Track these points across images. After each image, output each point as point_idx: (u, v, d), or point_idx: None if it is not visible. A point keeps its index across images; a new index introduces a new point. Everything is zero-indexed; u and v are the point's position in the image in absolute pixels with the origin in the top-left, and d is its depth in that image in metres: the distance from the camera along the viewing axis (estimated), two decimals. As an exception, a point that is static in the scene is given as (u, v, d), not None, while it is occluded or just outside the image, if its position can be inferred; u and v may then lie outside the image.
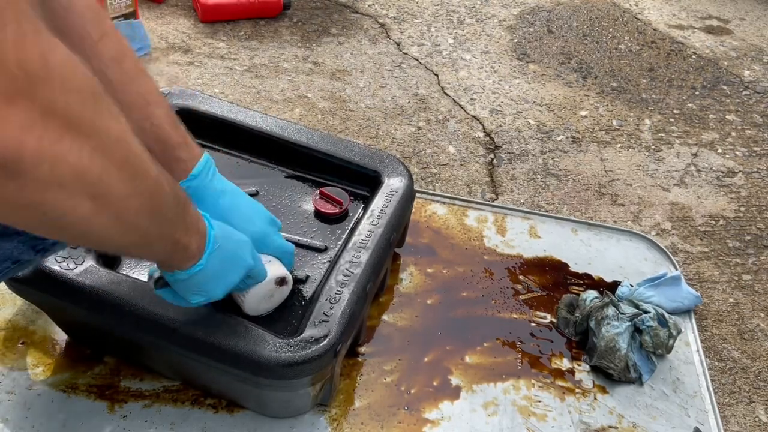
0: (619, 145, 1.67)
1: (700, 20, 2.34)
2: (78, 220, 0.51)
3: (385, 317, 1.05)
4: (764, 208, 1.53)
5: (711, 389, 1.04)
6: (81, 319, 0.86)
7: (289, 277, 0.87)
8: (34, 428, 0.84)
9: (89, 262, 0.83)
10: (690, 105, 1.87)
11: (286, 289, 0.88)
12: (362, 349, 0.99)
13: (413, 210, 1.10)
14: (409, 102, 1.72)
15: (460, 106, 1.74)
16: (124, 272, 0.90)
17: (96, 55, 0.76)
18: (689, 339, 1.12)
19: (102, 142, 0.49)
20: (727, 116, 1.85)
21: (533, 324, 1.09)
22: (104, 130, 0.49)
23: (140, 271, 0.92)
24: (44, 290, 0.82)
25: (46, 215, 0.48)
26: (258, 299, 0.84)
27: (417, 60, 1.91)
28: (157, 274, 0.76)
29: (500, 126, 1.67)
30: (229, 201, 0.86)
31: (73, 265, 0.82)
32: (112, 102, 0.51)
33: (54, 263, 0.82)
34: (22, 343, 0.93)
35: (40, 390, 0.88)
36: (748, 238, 1.43)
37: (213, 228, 0.72)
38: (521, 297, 1.13)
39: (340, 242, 0.98)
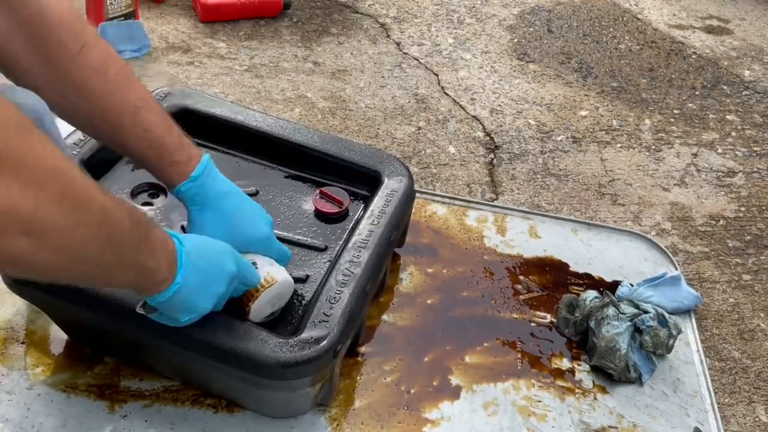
0: (619, 145, 1.67)
1: (700, 20, 2.34)
2: (18, 256, 0.50)
3: (385, 317, 1.05)
4: (764, 208, 1.53)
5: (711, 389, 1.04)
6: (80, 319, 0.86)
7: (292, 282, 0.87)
8: (34, 428, 0.84)
9: (89, 262, 0.82)
10: (690, 105, 1.87)
11: (288, 295, 0.88)
12: (362, 349, 0.99)
13: (413, 210, 1.10)
14: (409, 102, 1.72)
15: (460, 106, 1.74)
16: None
17: (77, 68, 0.75)
18: (689, 339, 1.12)
19: (33, 176, 0.48)
20: (727, 116, 1.85)
21: (533, 324, 1.09)
22: (35, 163, 0.48)
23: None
24: (43, 290, 0.82)
25: None
26: (263, 305, 0.84)
27: (417, 60, 1.91)
28: (141, 300, 0.75)
29: (500, 126, 1.67)
30: (232, 203, 0.85)
31: (73, 265, 0.81)
32: (41, 134, 0.50)
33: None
34: (22, 343, 0.93)
35: (40, 390, 0.88)
36: (748, 238, 1.43)
37: (183, 244, 0.71)
38: (521, 297, 1.13)
39: (341, 242, 0.98)
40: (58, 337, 0.94)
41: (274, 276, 0.84)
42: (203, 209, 0.83)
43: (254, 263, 0.83)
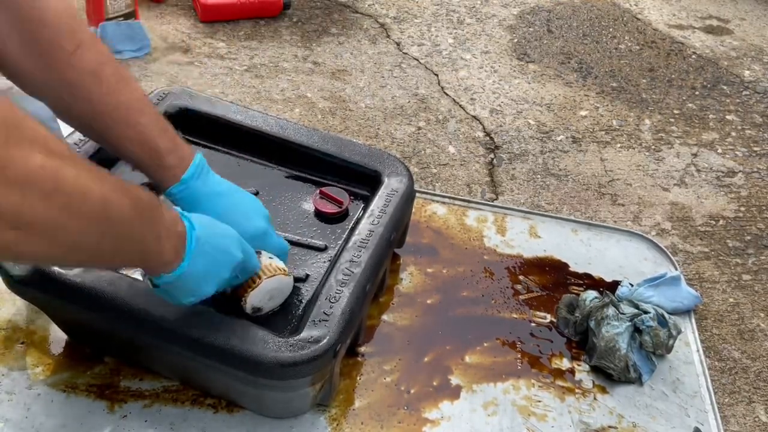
0: (619, 145, 1.67)
1: (700, 20, 2.34)
2: (5, 246, 0.51)
3: (385, 317, 1.05)
4: (764, 208, 1.53)
5: (711, 389, 1.04)
6: (79, 319, 0.85)
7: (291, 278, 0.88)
8: (34, 428, 0.84)
9: (89, 262, 0.82)
10: (690, 105, 1.87)
11: (286, 292, 0.88)
12: (362, 349, 0.99)
13: (413, 210, 1.10)
14: (409, 102, 1.72)
15: (460, 106, 1.74)
16: (123, 272, 0.90)
17: (72, 68, 0.75)
18: (689, 339, 1.12)
19: (17, 174, 0.48)
20: (727, 116, 1.85)
21: (533, 324, 1.09)
22: (20, 162, 0.48)
23: (139, 271, 0.92)
24: (42, 290, 0.82)
25: None
26: (262, 295, 0.84)
27: (417, 60, 1.91)
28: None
29: (500, 126, 1.67)
30: (226, 201, 0.85)
31: (73, 265, 0.82)
32: (30, 129, 0.50)
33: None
34: (22, 343, 0.93)
35: (40, 390, 0.88)
36: (748, 238, 1.43)
37: (195, 228, 0.71)
38: (521, 297, 1.13)
39: (341, 242, 0.98)
40: (58, 337, 0.94)
41: (277, 266, 0.84)
42: (195, 210, 0.82)
43: (258, 253, 0.84)
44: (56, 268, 0.81)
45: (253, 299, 0.83)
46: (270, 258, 0.85)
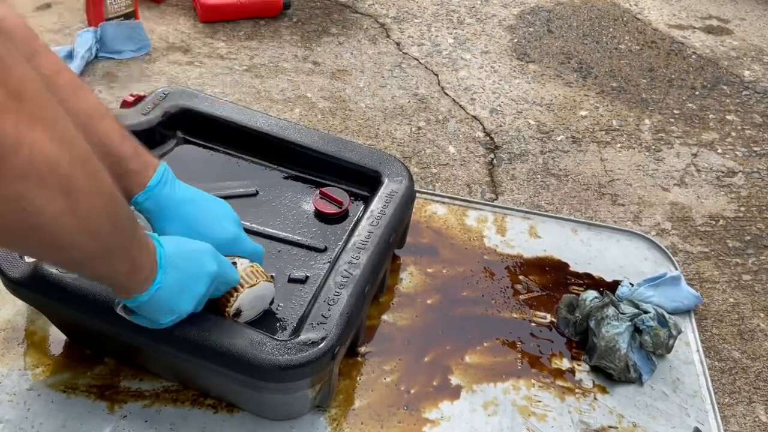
0: (619, 145, 1.67)
1: (700, 20, 2.34)
2: (50, 219, 0.50)
3: (385, 317, 1.05)
4: (764, 208, 1.53)
5: (711, 389, 1.04)
6: (78, 321, 0.85)
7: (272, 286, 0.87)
8: (33, 428, 0.84)
9: (89, 263, 0.82)
10: (690, 105, 1.87)
11: (269, 297, 0.87)
12: (362, 349, 0.99)
13: (413, 210, 1.10)
14: (409, 102, 1.72)
15: (460, 106, 1.74)
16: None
17: None
18: (689, 339, 1.12)
19: (64, 134, 0.48)
20: (727, 116, 1.85)
21: (533, 324, 1.09)
22: (63, 123, 0.48)
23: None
24: (41, 293, 0.82)
25: (24, 211, 0.48)
26: (244, 305, 0.83)
27: (417, 60, 1.91)
28: (120, 302, 0.75)
29: (500, 126, 1.67)
30: (194, 207, 0.84)
31: (72, 266, 0.81)
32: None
33: (51, 265, 0.81)
34: (22, 344, 0.93)
35: (40, 390, 0.88)
36: (748, 238, 1.43)
37: (163, 246, 0.70)
38: (521, 297, 1.13)
39: (340, 243, 0.98)
40: (57, 337, 0.94)
41: (257, 272, 0.83)
42: (164, 220, 0.82)
43: (234, 263, 0.82)
44: (54, 270, 0.81)
45: (235, 310, 0.83)
46: (251, 264, 0.84)
